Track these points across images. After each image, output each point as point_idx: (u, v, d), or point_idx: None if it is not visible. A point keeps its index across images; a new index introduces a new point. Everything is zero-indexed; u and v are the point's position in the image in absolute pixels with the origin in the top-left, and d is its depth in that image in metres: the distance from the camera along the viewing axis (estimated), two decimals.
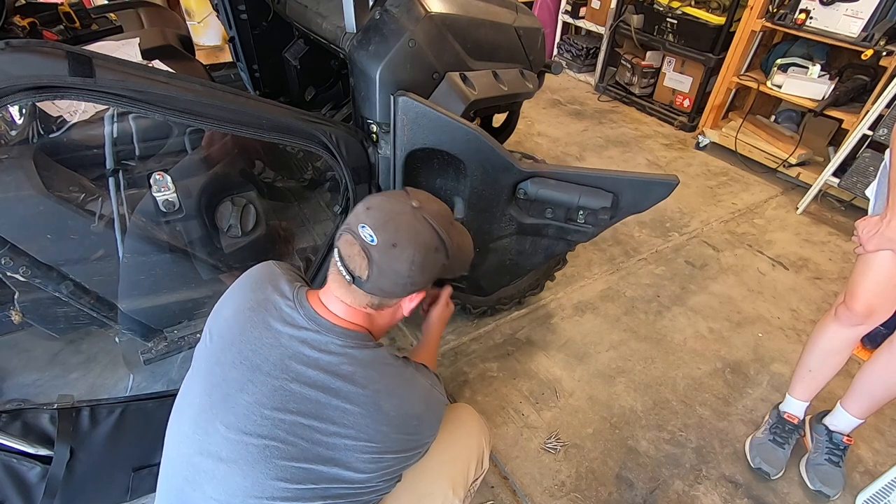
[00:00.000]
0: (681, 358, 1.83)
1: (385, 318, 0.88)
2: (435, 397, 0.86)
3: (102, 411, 1.10)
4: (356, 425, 0.75)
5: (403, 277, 0.80)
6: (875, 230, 1.12)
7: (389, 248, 0.78)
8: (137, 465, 1.15)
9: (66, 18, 1.73)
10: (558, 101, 3.64)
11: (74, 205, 1.13)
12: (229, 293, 0.90)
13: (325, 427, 0.74)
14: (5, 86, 0.87)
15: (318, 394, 0.75)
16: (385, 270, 0.78)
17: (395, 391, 0.80)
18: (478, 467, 1.07)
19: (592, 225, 1.35)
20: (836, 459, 1.44)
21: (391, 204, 0.82)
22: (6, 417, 1.02)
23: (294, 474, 0.74)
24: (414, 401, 0.82)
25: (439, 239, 0.82)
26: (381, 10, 1.26)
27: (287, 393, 0.75)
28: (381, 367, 0.80)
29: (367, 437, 0.76)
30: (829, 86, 2.52)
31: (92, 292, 1.26)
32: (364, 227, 0.78)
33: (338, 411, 0.75)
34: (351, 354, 0.78)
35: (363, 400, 0.76)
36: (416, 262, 0.79)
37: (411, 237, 0.79)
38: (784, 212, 2.65)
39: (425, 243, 0.81)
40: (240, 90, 1.10)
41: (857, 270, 1.23)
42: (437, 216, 0.84)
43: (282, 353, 0.77)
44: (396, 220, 0.80)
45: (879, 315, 1.23)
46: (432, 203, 0.87)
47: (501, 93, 1.42)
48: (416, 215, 0.81)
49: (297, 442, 0.74)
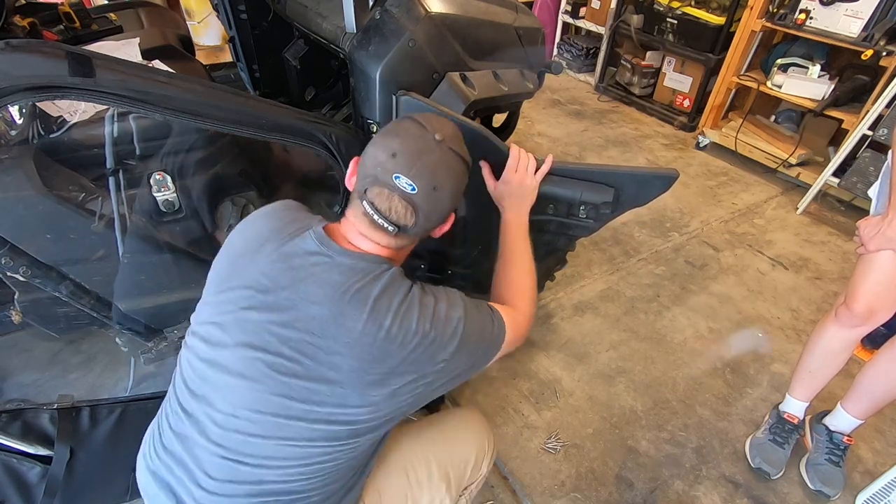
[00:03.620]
0: (681, 358, 1.83)
1: (414, 244, 0.89)
2: (451, 315, 0.80)
3: (102, 411, 1.10)
4: (358, 344, 0.74)
5: (445, 211, 0.83)
6: (876, 230, 1.12)
7: (431, 192, 0.78)
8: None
9: (66, 18, 1.73)
10: (558, 101, 3.64)
11: (74, 205, 1.13)
12: (242, 223, 0.90)
13: (328, 345, 0.73)
14: (5, 86, 0.87)
15: (323, 311, 0.74)
16: (431, 213, 0.80)
17: (397, 309, 0.76)
18: (475, 470, 1.05)
19: (594, 219, 1.36)
20: (837, 459, 1.45)
21: (416, 143, 0.79)
22: (6, 417, 1.02)
23: (298, 393, 0.74)
24: (417, 319, 0.77)
25: (465, 163, 0.85)
26: (381, 10, 1.26)
27: (295, 311, 0.75)
28: (392, 285, 0.78)
29: (371, 356, 0.74)
30: (829, 86, 2.52)
31: (92, 292, 1.26)
32: (398, 176, 0.77)
33: (341, 329, 0.74)
34: (362, 274, 0.77)
35: (365, 318, 0.74)
36: (457, 194, 0.84)
37: (449, 175, 0.81)
38: (784, 212, 2.65)
39: (458, 174, 0.83)
40: (240, 90, 1.10)
41: (857, 271, 1.23)
42: (457, 140, 0.85)
43: (293, 276, 0.77)
44: (427, 161, 0.78)
45: (880, 316, 1.23)
46: (447, 128, 0.85)
47: (501, 93, 1.42)
48: (443, 150, 0.80)
49: (301, 359, 0.74)
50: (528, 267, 1.10)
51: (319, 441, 0.76)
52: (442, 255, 1.50)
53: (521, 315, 0.99)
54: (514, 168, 1.14)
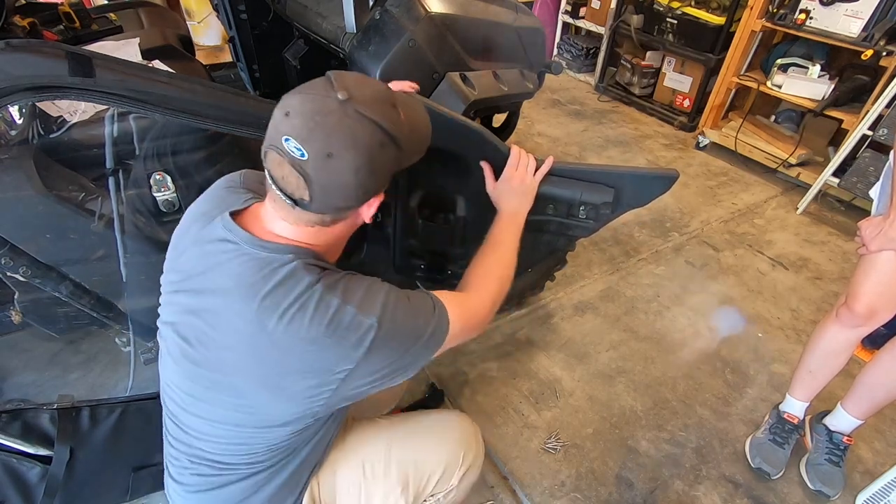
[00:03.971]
0: (681, 358, 1.83)
1: (342, 228, 0.78)
2: (359, 321, 0.70)
3: (102, 411, 1.10)
4: (243, 342, 0.71)
5: (353, 188, 0.68)
6: (878, 230, 1.12)
7: (324, 159, 0.65)
8: (137, 465, 1.15)
9: (66, 18, 1.73)
10: (558, 101, 3.64)
11: (74, 205, 1.13)
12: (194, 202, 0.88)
13: (220, 338, 0.72)
14: (5, 86, 0.87)
15: (218, 303, 0.72)
16: (328, 187, 0.67)
17: (286, 311, 0.69)
18: (443, 481, 0.98)
19: (594, 220, 1.36)
20: (836, 459, 1.45)
21: (314, 103, 0.66)
22: (6, 417, 1.02)
23: (202, 379, 0.76)
24: (308, 323, 0.69)
25: (382, 132, 0.68)
26: (381, 11, 1.26)
27: (202, 299, 0.74)
28: (287, 281, 0.70)
29: (256, 358, 0.70)
30: (829, 86, 2.52)
31: (92, 292, 1.26)
32: (287, 139, 0.65)
33: (230, 324, 0.71)
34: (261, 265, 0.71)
35: (251, 317, 0.69)
36: (363, 168, 0.67)
37: (347, 141, 0.65)
38: (784, 212, 2.65)
39: (367, 143, 0.67)
40: (240, 90, 1.10)
41: (858, 271, 1.23)
42: (373, 102, 0.68)
43: (205, 263, 0.75)
44: (324, 123, 0.65)
45: (881, 316, 1.23)
46: (363, 87, 0.69)
47: (501, 93, 1.42)
48: (346, 111, 0.65)
49: (200, 348, 0.75)
50: (506, 259, 1.01)
51: (231, 425, 0.77)
52: (442, 255, 1.50)
53: (477, 300, 0.90)
54: (515, 166, 1.13)
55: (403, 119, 0.74)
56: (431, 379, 1.68)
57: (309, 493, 0.92)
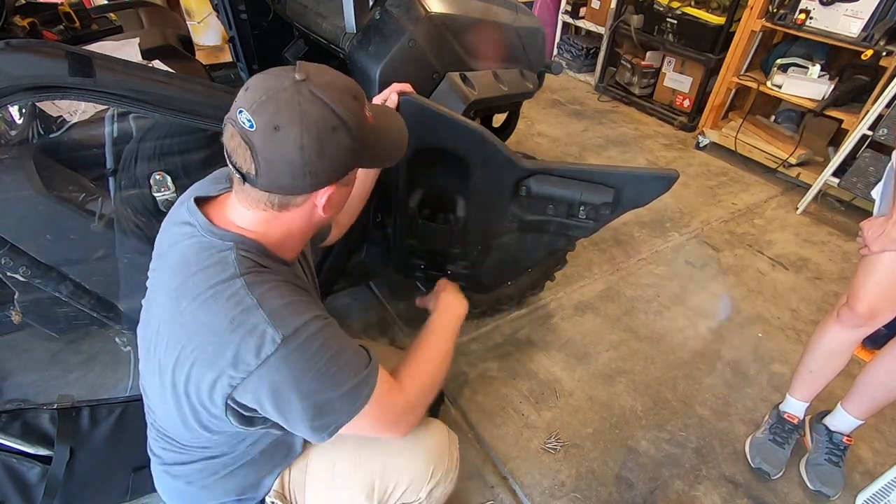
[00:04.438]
0: (681, 358, 1.83)
1: (298, 219, 0.75)
2: (250, 323, 0.67)
3: (102, 411, 1.10)
4: (165, 320, 0.72)
5: (299, 167, 0.67)
6: (880, 231, 1.12)
7: (271, 132, 0.65)
8: (137, 465, 1.15)
9: (66, 18, 1.73)
10: (558, 101, 3.64)
11: (74, 205, 1.13)
12: None
13: (154, 315, 0.75)
14: (5, 86, 0.87)
15: (162, 281, 0.76)
16: (273, 161, 0.66)
17: (199, 294, 0.68)
18: (409, 492, 0.94)
19: (594, 220, 1.36)
20: (836, 459, 1.45)
21: (270, 80, 0.67)
22: (6, 417, 1.02)
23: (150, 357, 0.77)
24: (215, 312, 0.68)
25: (335, 115, 0.68)
26: (381, 11, 1.26)
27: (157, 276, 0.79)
28: (213, 267, 0.70)
29: (171, 336, 0.71)
30: (829, 86, 2.52)
31: (92, 292, 1.26)
32: (242, 111, 0.65)
33: (158, 303, 0.74)
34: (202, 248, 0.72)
35: (172, 294, 0.71)
36: (309, 146, 0.66)
37: (295, 116, 0.65)
38: (784, 212, 2.65)
39: (316, 122, 0.66)
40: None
41: (860, 272, 1.23)
42: (330, 87, 0.68)
43: (167, 243, 0.79)
44: (276, 98, 0.65)
45: (883, 317, 1.23)
46: (324, 74, 0.71)
47: (501, 93, 1.42)
48: (299, 89, 0.66)
49: (147, 324, 0.78)
50: (439, 349, 0.95)
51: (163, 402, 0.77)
52: (442, 255, 1.50)
53: (401, 397, 0.81)
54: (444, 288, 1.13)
55: (369, 117, 0.74)
56: (439, 388, 1.68)
57: (279, 481, 0.92)
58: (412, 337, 1.79)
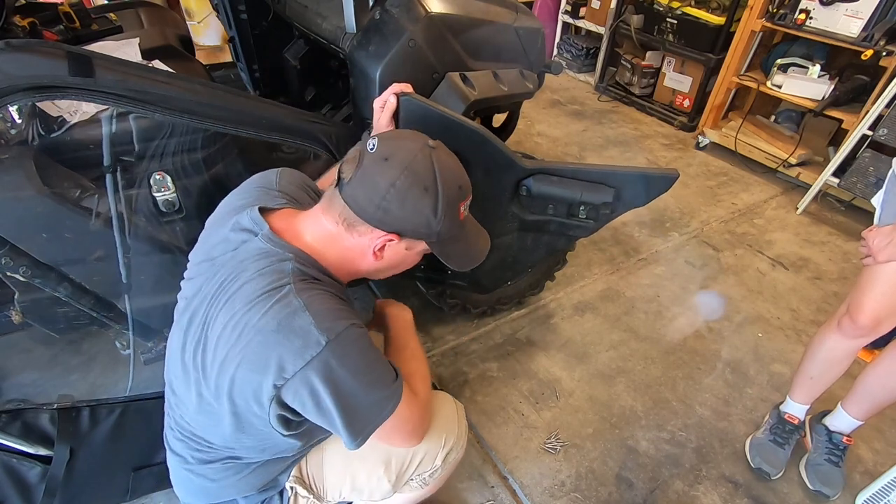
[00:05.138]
0: (681, 358, 1.83)
1: (355, 248, 0.80)
2: (297, 324, 0.69)
3: (102, 411, 1.10)
4: (216, 319, 0.74)
5: (379, 196, 0.75)
6: (888, 241, 1.08)
7: (381, 160, 0.75)
8: (137, 465, 1.15)
9: (66, 18, 1.73)
10: (558, 101, 3.64)
11: (74, 204, 1.13)
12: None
13: (206, 316, 0.76)
14: (5, 86, 0.87)
15: (218, 281, 0.77)
16: (365, 179, 0.75)
17: (250, 295, 0.72)
18: (426, 461, 1.00)
19: (594, 220, 1.36)
20: (836, 460, 1.44)
21: (412, 134, 0.82)
22: (6, 417, 1.02)
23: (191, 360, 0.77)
24: (264, 312, 0.70)
25: (434, 182, 0.77)
26: (381, 11, 1.26)
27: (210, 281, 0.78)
28: (267, 274, 0.73)
29: (217, 336, 0.73)
30: (829, 86, 2.52)
31: (92, 292, 1.26)
32: (375, 137, 0.78)
33: (215, 305, 0.75)
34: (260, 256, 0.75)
35: (227, 298, 0.74)
36: (398, 187, 0.74)
37: (406, 161, 0.75)
38: (784, 212, 2.65)
39: (416, 173, 0.75)
40: (240, 90, 1.10)
41: (862, 282, 1.19)
42: (446, 166, 0.79)
43: (224, 249, 0.80)
44: (404, 142, 0.78)
45: (885, 326, 1.20)
46: (450, 157, 0.82)
47: (501, 93, 1.42)
48: (423, 149, 0.78)
49: (195, 325, 0.77)
50: (422, 359, 0.99)
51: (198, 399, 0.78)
52: None
53: (418, 407, 0.85)
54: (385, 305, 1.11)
55: (461, 213, 0.83)
56: (432, 379, 1.68)
57: (297, 467, 0.95)
58: None
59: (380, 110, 1.07)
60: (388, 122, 1.08)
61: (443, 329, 1.85)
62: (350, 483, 0.97)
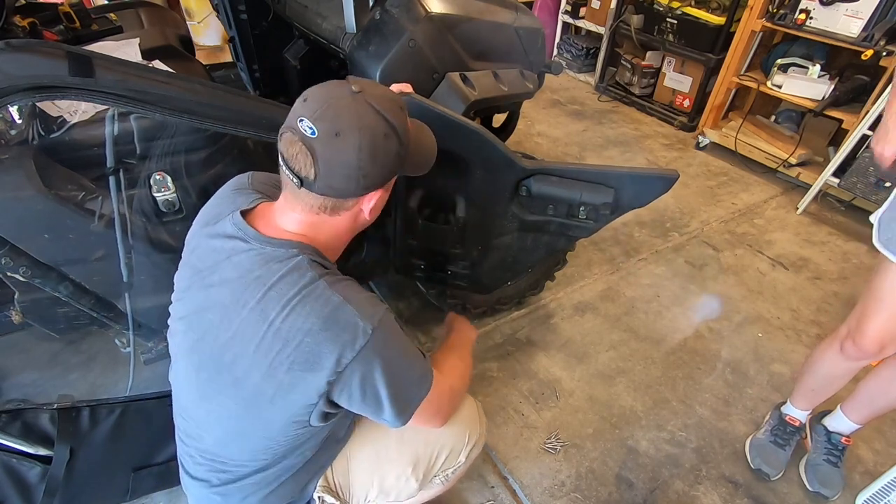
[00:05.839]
0: (681, 358, 1.83)
1: (343, 225, 0.81)
2: (342, 318, 0.72)
3: (102, 411, 1.10)
4: (247, 334, 0.73)
5: (354, 168, 0.73)
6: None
7: (332, 137, 0.70)
8: (137, 465, 1.15)
9: (66, 18, 1.73)
10: (558, 101, 3.64)
11: (74, 204, 1.13)
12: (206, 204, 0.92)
13: (226, 330, 0.75)
14: (5, 86, 0.87)
15: (225, 295, 0.76)
16: (332, 164, 0.72)
17: (287, 301, 0.72)
18: (451, 458, 1.03)
19: (594, 220, 1.36)
20: (835, 460, 1.44)
21: (328, 91, 0.74)
22: (6, 417, 1.02)
23: (208, 370, 0.78)
24: (307, 314, 0.71)
25: (387, 123, 0.74)
26: (381, 11, 1.26)
27: (211, 293, 0.78)
28: (291, 274, 0.73)
29: (256, 348, 0.72)
30: (829, 86, 2.52)
31: (92, 292, 1.26)
32: (302, 119, 0.71)
33: (236, 316, 0.74)
34: (267, 259, 0.75)
35: (253, 305, 0.73)
36: (365, 149, 0.72)
37: (354, 122, 0.71)
38: (784, 212, 2.65)
39: (371, 127, 0.73)
40: (240, 90, 1.10)
41: (866, 307, 1.16)
42: (383, 100, 0.76)
43: (214, 259, 0.79)
44: (335, 106, 0.72)
45: (889, 350, 1.18)
46: (376, 87, 0.79)
47: (501, 93, 1.42)
48: (356, 99, 0.73)
49: (209, 341, 0.77)
50: (467, 365, 1.07)
51: (233, 419, 0.79)
52: (442, 255, 1.50)
53: (452, 387, 0.92)
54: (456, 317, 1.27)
55: (410, 127, 0.82)
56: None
57: (323, 478, 0.95)
58: (411, 337, 1.79)
59: None
60: None
61: (443, 329, 1.85)
62: (378, 486, 0.98)
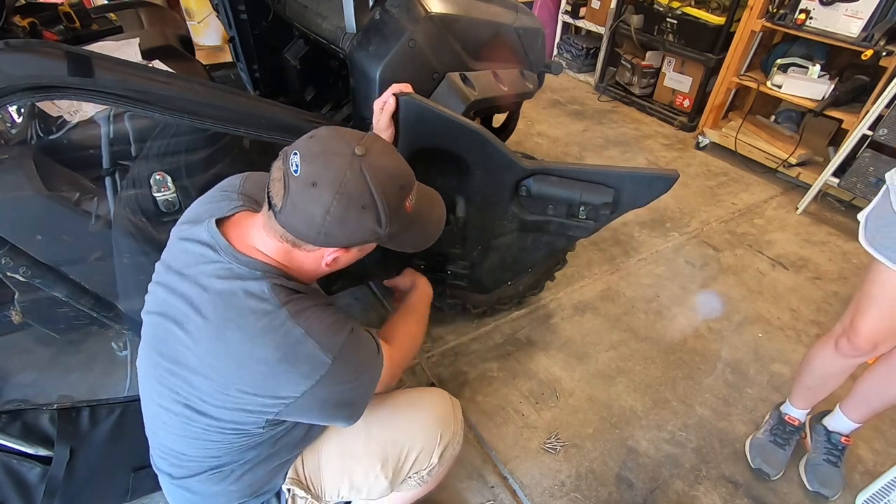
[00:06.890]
0: (681, 358, 1.83)
1: (307, 261, 0.79)
2: (302, 351, 0.73)
3: (102, 411, 1.10)
4: (203, 347, 0.74)
5: (317, 224, 0.71)
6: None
7: (308, 185, 0.69)
8: (137, 465, 1.15)
9: (66, 18, 1.73)
10: (558, 101, 3.64)
11: (74, 205, 1.13)
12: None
13: (183, 338, 0.75)
14: (5, 86, 0.87)
15: (185, 303, 0.75)
16: (298, 208, 0.70)
17: (247, 326, 0.72)
18: (422, 457, 1.01)
19: (594, 220, 1.36)
20: (835, 460, 1.44)
21: (334, 140, 0.73)
22: (6, 417, 1.02)
23: (163, 370, 0.78)
24: (265, 344, 0.72)
25: (371, 198, 0.72)
26: (381, 11, 1.26)
27: (176, 296, 0.77)
28: (256, 298, 0.73)
29: (212, 364, 0.73)
30: (829, 86, 2.52)
31: (92, 292, 1.26)
32: (296, 153, 0.70)
33: (194, 327, 0.74)
34: (233, 277, 0.75)
35: (215, 323, 0.73)
36: (334, 213, 0.70)
37: (335, 182, 0.69)
38: (784, 212, 2.65)
39: (350, 195, 0.70)
40: (240, 90, 1.10)
41: (860, 305, 1.17)
42: (381, 173, 0.72)
43: (185, 262, 0.79)
44: (329, 158, 0.70)
45: (883, 348, 1.19)
46: (384, 157, 0.75)
47: (501, 93, 1.42)
48: (352, 162, 0.70)
49: (168, 340, 0.77)
50: (422, 326, 1.10)
51: (184, 419, 0.79)
52: (442, 255, 1.50)
53: (399, 357, 0.96)
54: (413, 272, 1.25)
55: (408, 207, 0.79)
56: (431, 379, 1.69)
57: (293, 469, 0.95)
58: None
59: (379, 111, 1.07)
60: (388, 123, 1.08)
61: (443, 329, 1.85)
62: (348, 481, 0.98)
